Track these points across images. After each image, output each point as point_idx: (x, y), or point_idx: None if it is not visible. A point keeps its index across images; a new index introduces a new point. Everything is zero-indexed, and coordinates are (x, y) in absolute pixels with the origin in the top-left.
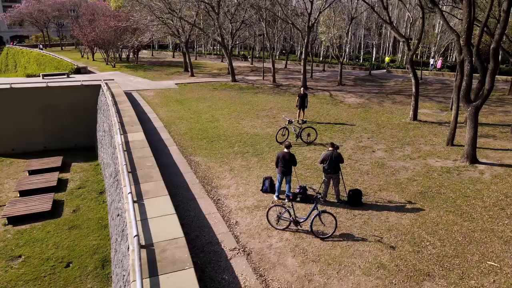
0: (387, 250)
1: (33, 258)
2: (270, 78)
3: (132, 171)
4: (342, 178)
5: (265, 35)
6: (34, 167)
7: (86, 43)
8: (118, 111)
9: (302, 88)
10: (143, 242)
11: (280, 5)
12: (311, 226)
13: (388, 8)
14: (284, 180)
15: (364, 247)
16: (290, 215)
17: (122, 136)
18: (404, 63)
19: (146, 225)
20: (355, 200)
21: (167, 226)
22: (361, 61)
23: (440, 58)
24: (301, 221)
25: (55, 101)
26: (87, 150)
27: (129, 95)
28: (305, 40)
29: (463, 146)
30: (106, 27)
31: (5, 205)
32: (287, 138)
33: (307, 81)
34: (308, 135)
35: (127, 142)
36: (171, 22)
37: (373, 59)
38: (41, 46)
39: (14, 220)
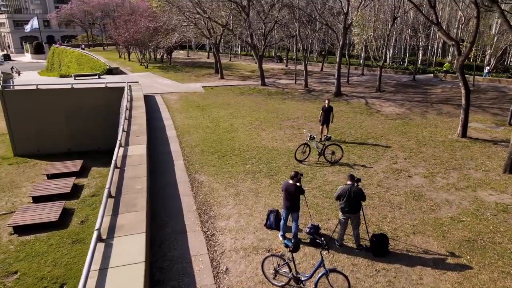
0: None
1: (28, 276)
2: (303, 82)
3: (117, 195)
4: (364, 217)
5: (298, 36)
6: (52, 170)
7: (121, 43)
8: (129, 118)
9: (327, 100)
10: None
11: (314, 4)
12: None
13: (436, 7)
14: (291, 216)
15: None
16: (290, 270)
17: (122, 148)
18: (455, 66)
19: (103, 277)
20: (379, 248)
21: (128, 282)
22: (405, 64)
23: None
24: (303, 279)
25: (79, 102)
26: (110, 154)
27: (151, 98)
28: (340, 42)
29: None
30: (138, 27)
31: (14, 212)
32: (308, 156)
33: (341, 87)
34: (333, 153)
35: (124, 156)
36: (203, 23)
37: (419, 62)
38: (83, 46)
39: (20, 230)
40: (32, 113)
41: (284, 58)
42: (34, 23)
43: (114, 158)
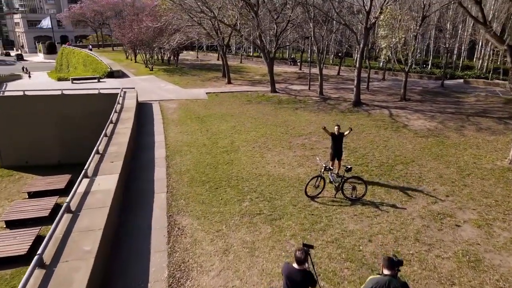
0: None
1: None
2: (318, 88)
3: (52, 262)
4: None
5: (312, 37)
6: (35, 187)
7: (125, 44)
8: (110, 135)
9: (337, 126)
10: None
11: (332, 2)
12: None
13: (482, 4)
14: None
15: None
16: None
17: (87, 180)
18: (485, 70)
19: None
20: None
21: None
22: (429, 67)
23: None
24: None
25: (70, 110)
26: None
27: (147, 106)
28: (361, 45)
29: None
30: (140, 27)
31: None
32: (322, 191)
33: (361, 94)
34: (353, 188)
35: (86, 193)
36: (210, 23)
37: (445, 66)
38: (90, 46)
39: None
40: (19, 121)
41: (298, 61)
42: (46, 22)
43: (68, 199)
